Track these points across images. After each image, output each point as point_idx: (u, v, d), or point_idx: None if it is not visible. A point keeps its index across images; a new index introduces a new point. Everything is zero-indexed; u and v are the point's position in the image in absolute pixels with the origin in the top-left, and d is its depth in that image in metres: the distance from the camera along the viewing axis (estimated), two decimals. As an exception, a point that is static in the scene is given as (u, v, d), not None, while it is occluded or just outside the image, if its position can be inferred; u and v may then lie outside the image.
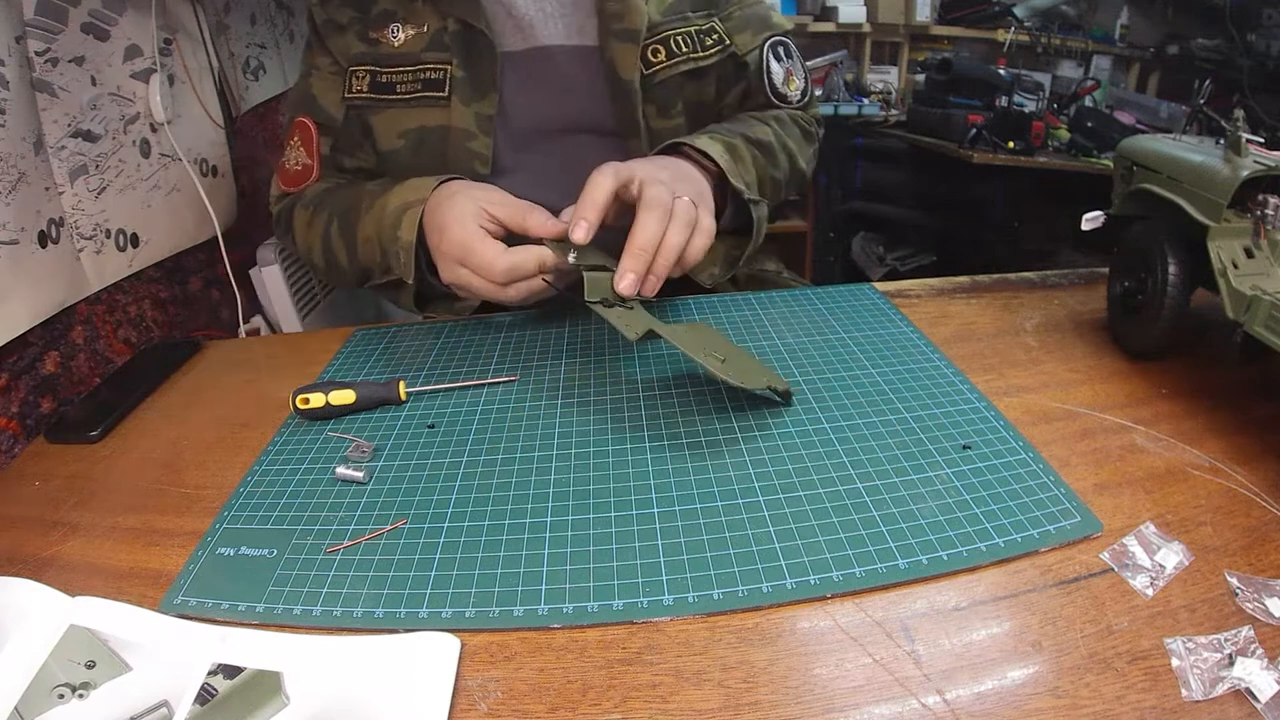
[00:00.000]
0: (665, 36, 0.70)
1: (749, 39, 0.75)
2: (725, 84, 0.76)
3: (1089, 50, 2.32)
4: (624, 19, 0.67)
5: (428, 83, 0.68)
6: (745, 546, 0.40)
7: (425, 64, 0.68)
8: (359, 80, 0.70)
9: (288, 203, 0.75)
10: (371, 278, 0.69)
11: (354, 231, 0.67)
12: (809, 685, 0.33)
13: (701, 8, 0.73)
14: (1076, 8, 2.34)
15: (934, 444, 0.47)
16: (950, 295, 0.69)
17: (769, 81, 0.76)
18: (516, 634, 0.36)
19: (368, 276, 0.69)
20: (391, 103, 0.69)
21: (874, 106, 2.31)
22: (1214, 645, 0.33)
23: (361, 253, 0.67)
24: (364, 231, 0.66)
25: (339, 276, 0.72)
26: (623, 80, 0.68)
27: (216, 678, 0.35)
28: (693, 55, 0.71)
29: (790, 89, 0.77)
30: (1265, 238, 0.48)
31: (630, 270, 0.51)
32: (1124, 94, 2.25)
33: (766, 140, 0.72)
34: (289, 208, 0.75)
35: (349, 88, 0.70)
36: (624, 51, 0.67)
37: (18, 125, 0.61)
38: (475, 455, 0.49)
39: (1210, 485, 0.43)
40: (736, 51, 0.74)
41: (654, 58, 0.69)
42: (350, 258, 0.68)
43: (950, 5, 2.40)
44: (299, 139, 0.74)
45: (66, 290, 0.67)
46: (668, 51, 0.70)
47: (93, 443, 0.57)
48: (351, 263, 0.68)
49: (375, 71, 0.69)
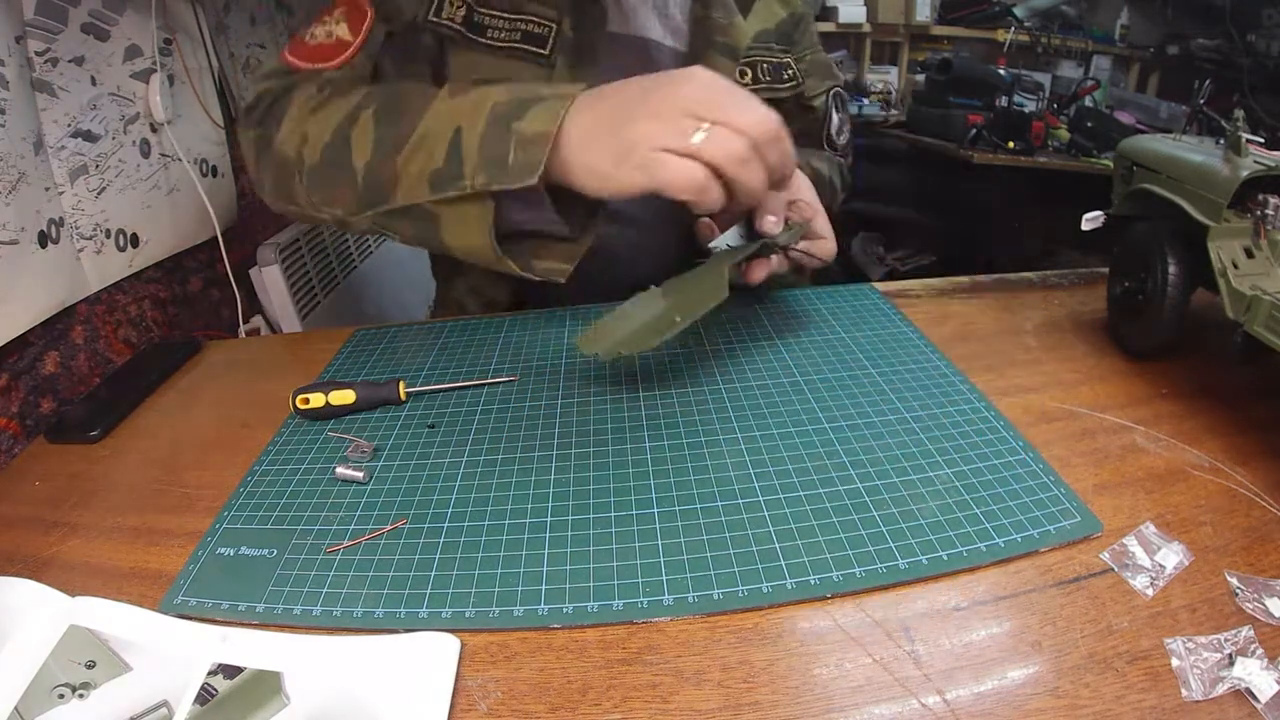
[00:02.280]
0: (754, 61, 0.72)
1: (816, 84, 0.78)
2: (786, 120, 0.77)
3: (1089, 50, 2.32)
4: (728, 34, 0.68)
5: (528, 35, 0.62)
6: (745, 546, 0.40)
7: (528, 15, 0.62)
8: (454, 7, 0.61)
9: (286, 82, 0.59)
10: (385, 199, 0.53)
11: (405, 123, 0.51)
12: (809, 685, 0.33)
13: (782, 42, 0.75)
14: (1076, 8, 2.34)
15: (934, 444, 0.47)
16: (950, 295, 0.69)
17: (828, 129, 0.80)
18: (516, 634, 0.36)
19: (382, 195, 0.53)
20: (477, 45, 0.62)
21: (874, 106, 2.31)
22: (1214, 645, 0.33)
23: (407, 155, 0.51)
24: (428, 125, 0.50)
25: (330, 187, 0.55)
26: None
27: (216, 678, 0.35)
28: (772, 85, 0.74)
29: (841, 139, 0.82)
30: (1265, 238, 0.48)
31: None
32: (1124, 94, 2.26)
33: (824, 175, 0.76)
34: (286, 88, 0.59)
35: (438, 10, 0.61)
36: (721, 65, 0.68)
37: (18, 125, 0.61)
38: (475, 455, 0.49)
39: (1210, 485, 0.43)
40: (805, 93, 0.77)
41: (741, 79, 0.71)
42: (375, 159, 0.52)
43: (950, 5, 2.40)
44: (343, 13, 0.60)
45: (66, 290, 0.67)
46: (753, 76, 0.72)
47: (93, 443, 0.57)
48: (373, 167, 0.52)
49: (471, 7, 0.62)
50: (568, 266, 0.54)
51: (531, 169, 0.47)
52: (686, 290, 0.54)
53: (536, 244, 0.54)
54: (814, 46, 0.80)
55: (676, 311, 0.51)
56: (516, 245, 0.54)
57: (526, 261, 0.54)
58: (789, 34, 0.76)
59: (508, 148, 0.47)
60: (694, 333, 0.63)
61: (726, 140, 0.44)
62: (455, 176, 0.49)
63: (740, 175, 0.45)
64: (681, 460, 0.47)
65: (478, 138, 0.48)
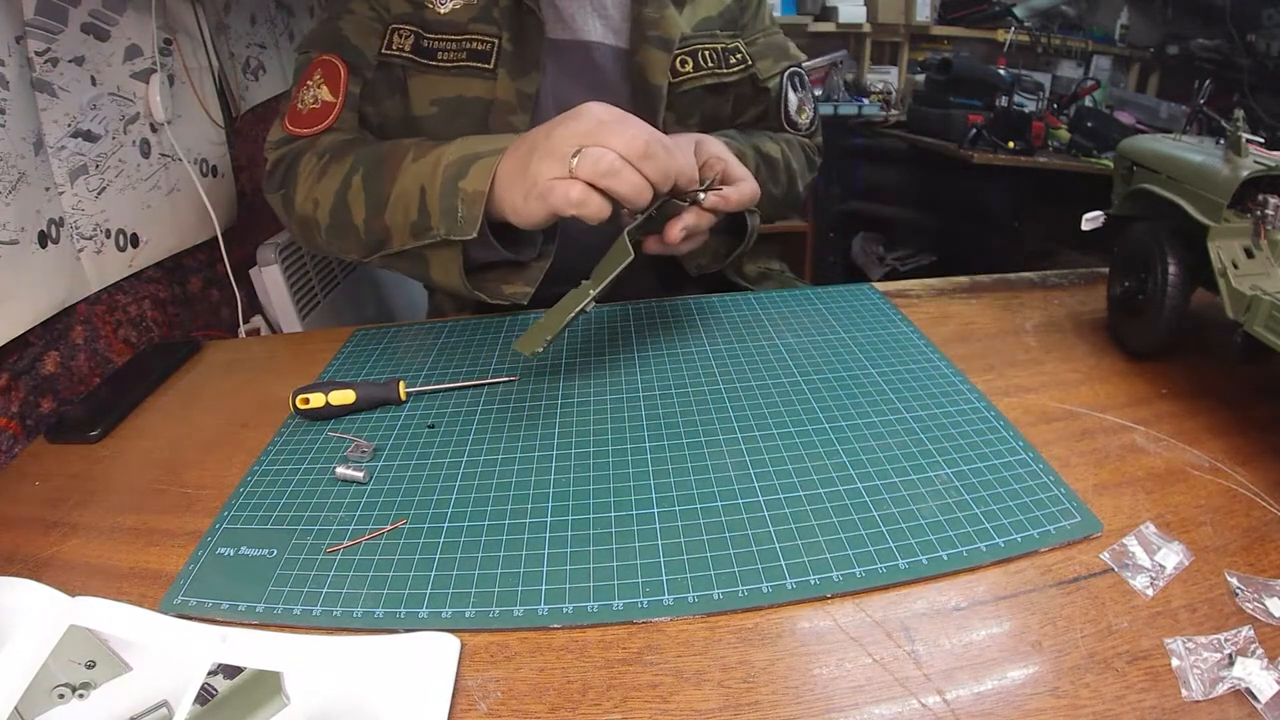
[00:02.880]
0: (694, 49, 0.73)
1: (770, 65, 0.79)
2: (742, 104, 0.80)
3: (1089, 50, 2.32)
4: (660, 27, 0.70)
5: (473, 53, 0.68)
6: (745, 546, 0.40)
7: (471, 34, 0.68)
8: (403, 38, 0.68)
9: (293, 149, 0.68)
10: (384, 246, 0.62)
11: (385, 186, 0.60)
12: (809, 685, 0.33)
13: (728, 28, 0.76)
14: (1076, 8, 2.34)
15: (934, 444, 0.47)
16: (950, 295, 0.69)
17: (785, 109, 0.80)
18: (516, 634, 0.36)
19: (381, 243, 0.62)
20: (429, 68, 0.68)
21: (874, 106, 2.31)
22: (1214, 645, 0.33)
23: (390, 212, 0.59)
24: (401, 185, 0.59)
25: (342, 239, 0.64)
26: (651, 84, 0.70)
27: (216, 678, 0.35)
28: (717, 70, 0.74)
29: (801, 118, 0.82)
30: (1265, 238, 0.48)
31: None
32: (1124, 94, 2.26)
33: (774, 156, 0.77)
34: (294, 154, 0.67)
35: (390, 44, 0.68)
36: (656, 58, 0.70)
37: (18, 125, 0.61)
38: (475, 455, 0.49)
39: (1210, 485, 0.43)
40: (758, 75, 0.78)
41: (681, 68, 0.72)
42: (369, 216, 0.61)
43: (950, 5, 2.40)
44: (321, 76, 0.68)
45: (66, 290, 0.67)
46: (694, 64, 0.73)
47: (93, 443, 0.57)
48: (369, 223, 0.61)
49: (419, 34, 0.68)
50: (529, 289, 0.61)
51: (473, 223, 0.56)
52: (601, 266, 0.55)
53: (506, 271, 0.63)
54: (767, 30, 0.81)
55: (591, 285, 0.53)
56: (490, 274, 0.63)
57: (496, 289, 0.62)
58: (735, 19, 0.77)
59: (456, 203, 0.56)
60: (695, 334, 0.63)
61: (595, 158, 0.49)
62: (427, 227, 0.58)
63: (611, 185, 0.50)
64: (681, 460, 0.47)
65: (436, 196, 0.57)
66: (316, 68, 0.68)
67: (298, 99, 0.69)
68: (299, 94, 0.69)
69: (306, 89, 0.68)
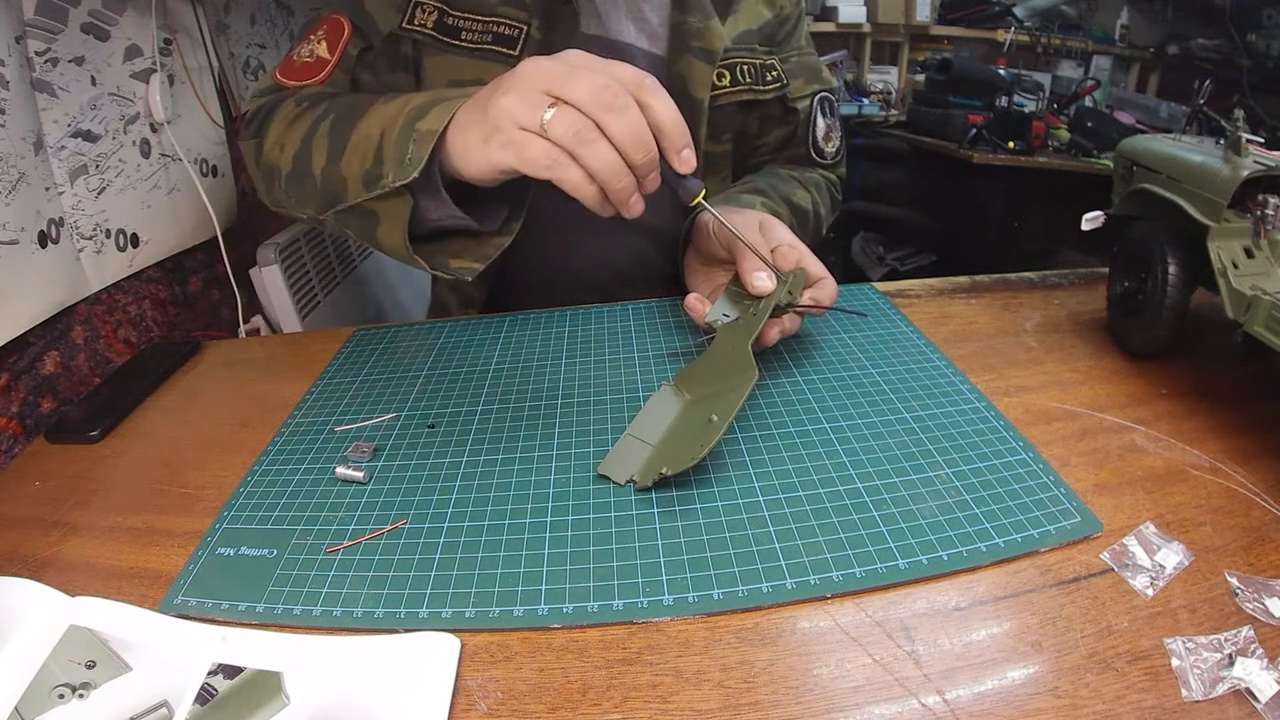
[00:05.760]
0: (732, 63, 0.71)
1: (801, 86, 0.77)
2: (769, 123, 0.77)
3: (1089, 50, 2.32)
4: (704, 38, 0.68)
5: (499, 37, 0.65)
6: (745, 546, 0.40)
7: (499, 17, 0.65)
8: (425, 13, 0.65)
9: (275, 96, 0.65)
10: (339, 199, 0.54)
11: (349, 130, 0.53)
12: (809, 685, 0.33)
13: (766, 43, 0.74)
14: (1076, 8, 2.35)
15: (934, 444, 0.47)
16: (950, 295, 0.69)
17: (813, 135, 0.78)
18: (516, 634, 0.36)
19: (336, 195, 0.54)
20: (451, 48, 0.66)
21: (874, 106, 2.32)
22: (1214, 645, 0.33)
23: (346, 158, 0.53)
24: (363, 129, 0.52)
25: (299, 189, 0.58)
26: (693, 97, 0.68)
27: (216, 678, 0.35)
28: (754, 87, 0.72)
29: (829, 146, 0.80)
30: (1265, 238, 0.48)
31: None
32: (1124, 94, 2.26)
33: (804, 209, 0.75)
34: (275, 102, 0.64)
35: (411, 18, 0.65)
36: (699, 69, 0.68)
37: (18, 125, 0.61)
38: (475, 455, 0.49)
39: (1210, 485, 0.43)
40: (788, 95, 0.76)
41: (720, 81, 0.70)
42: (328, 163, 0.54)
43: (950, 5, 2.40)
44: (324, 32, 0.66)
45: (66, 290, 0.67)
46: (732, 78, 0.71)
47: (93, 443, 0.57)
48: (326, 170, 0.54)
49: (444, 11, 0.65)
50: (478, 265, 0.53)
51: (418, 163, 0.48)
52: (707, 380, 0.50)
53: (459, 244, 0.55)
54: (801, 49, 0.79)
55: (709, 410, 0.46)
56: (440, 245, 0.55)
57: (443, 261, 0.53)
58: (773, 34, 0.75)
59: (409, 145, 0.49)
60: (695, 334, 0.63)
61: (568, 119, 0.43)
62: (379, 176, 0.50)
63: (583, 155, 0.43)
64: (681, 460, 0.47)
65: (394, 142, 0.50)
66: (322, 24, 0.66)
67: (295, 51, 0.66)
68: (298, 47, 0.67)
69: (306, 43, 0.66)
